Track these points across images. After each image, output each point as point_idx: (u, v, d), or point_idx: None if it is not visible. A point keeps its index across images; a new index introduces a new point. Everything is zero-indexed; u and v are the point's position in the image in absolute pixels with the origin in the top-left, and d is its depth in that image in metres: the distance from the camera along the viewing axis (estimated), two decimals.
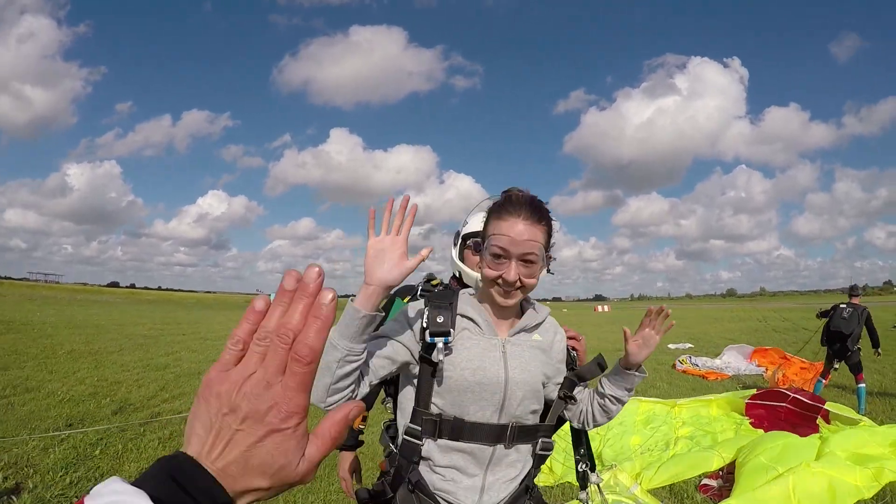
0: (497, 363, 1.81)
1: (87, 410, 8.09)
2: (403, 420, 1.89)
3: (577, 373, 2.02)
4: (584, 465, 2.49)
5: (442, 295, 1.89)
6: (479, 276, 2.10)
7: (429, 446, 1.82)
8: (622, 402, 2.02)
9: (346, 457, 2.77)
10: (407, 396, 1.89)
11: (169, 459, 0.56)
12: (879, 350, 10.40)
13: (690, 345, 20.11)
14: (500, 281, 1.78)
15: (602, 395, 2.00)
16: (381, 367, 1.77)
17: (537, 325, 1.98)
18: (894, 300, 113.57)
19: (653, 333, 1.96)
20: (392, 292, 2.31)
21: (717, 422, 7.51)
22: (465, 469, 1.82)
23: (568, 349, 2.07)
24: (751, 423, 7.24)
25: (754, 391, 8.43)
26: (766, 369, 13.02)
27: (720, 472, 5.71)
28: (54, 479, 5.27)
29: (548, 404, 1.99)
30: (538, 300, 2.05)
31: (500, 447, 1.83)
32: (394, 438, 2.02)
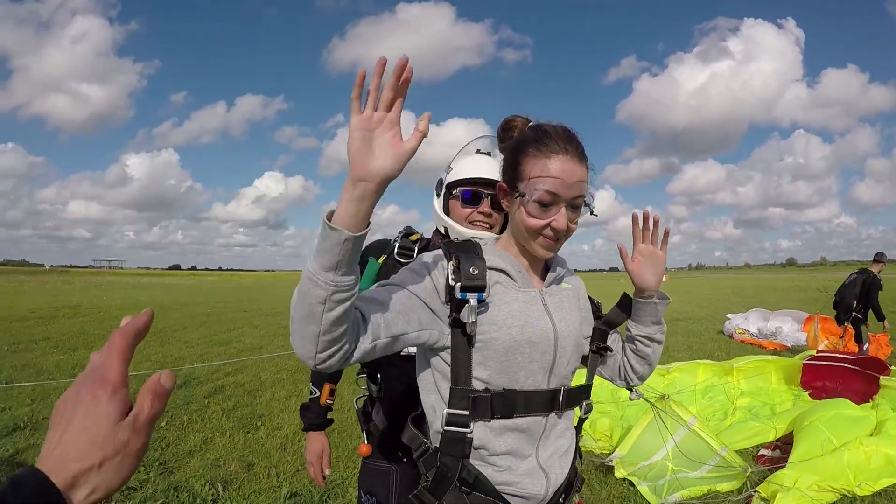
0: (543, 317, 1.54)
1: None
2: (437, 407, 1.53)
3: (606, 319, 1.74)
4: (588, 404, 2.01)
5: (464, 245, 1.56)
6: (475, 232, 1.97)
7: (480, 432, 1.47)
8: (656, 341, 1.73)
9: (314, 438, 2.41)
10: (432, 378, 1.54)
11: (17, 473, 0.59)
12: (885, 323, 10.37)
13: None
14: (546, 231, 1.48)
15: (632, 339, 1.74)
16: (393, 322, 1.33)
17: (564, 274, 1.73)
18: None
19: (653, 248, 1.70)
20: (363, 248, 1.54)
21: (775, 393, 7.37)
22: (520, 451, 1.51)
23: (591, 298, 1.82)
24: (809, 395, 7.10)
25: (814, 352, 8.26)
26: (823, 338, 12.60)
27: (777, 443, 5.63)
28: None
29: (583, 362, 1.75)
30: (594, 270, 1.86)
31: (552, 416, 1.56)
32: (369, 416, 1.87)
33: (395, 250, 2.09)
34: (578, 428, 1.74)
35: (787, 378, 7.67)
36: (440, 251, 1.52)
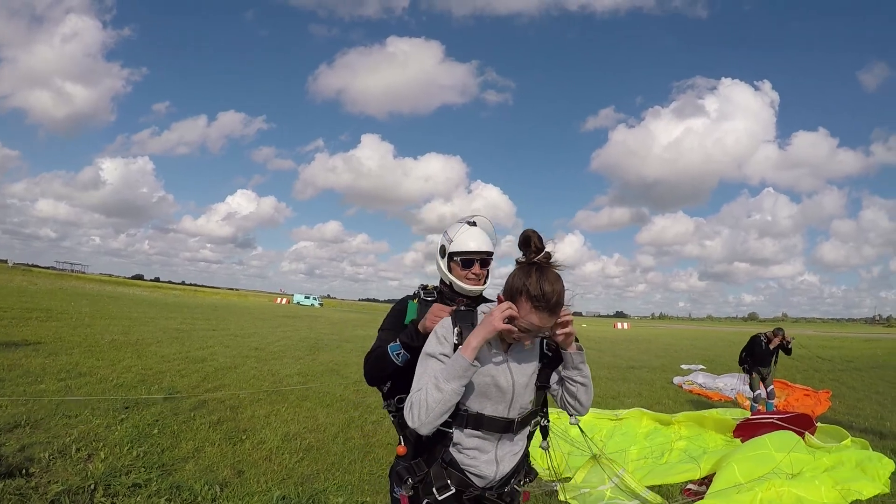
0: (506, 374, 2.37)
1: (140, 396, 8.87)
2: None
3: (547, 362, 2.52)
4: (545, 420, 2.73)
5: (466, 314, 2.43)
6: (472, 287, 2.87)
7: (457, 434, 2.39)
8: (578, 382, 2.43)
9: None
10: None
11: None
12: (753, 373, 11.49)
13: (703, 366, 20.53)
14: (517, 335, 2.25)
15: (561, 379, 2.48)
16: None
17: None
18: None
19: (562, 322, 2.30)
20: (403, 297, 2.96)
21: (711, 439, 8.11)
22: (483, 447, 2.40)
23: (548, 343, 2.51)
24: (741, 441, 7.85)
25: (748, 414, 9.01)
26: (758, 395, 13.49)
27: (703, 480, 6.37)
28: (122, 452, 6.00)
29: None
30: None
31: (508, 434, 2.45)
32: (405, 424, 2.40)
33: (420, 297, 2.91)
34: (531, 435, 2.62)
35: (722, 430, 8.42)
36: (448, 321, 2.40)
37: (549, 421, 2.70)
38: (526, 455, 2.60)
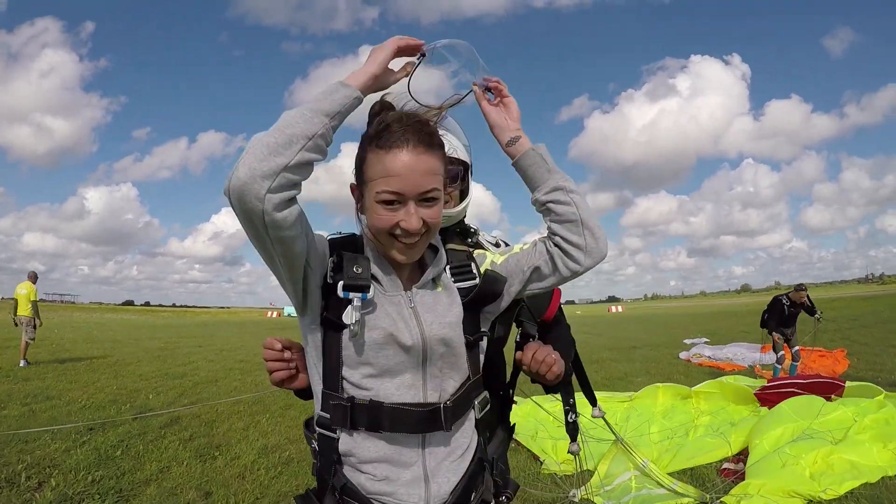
0: (409, 322, 1.43)
1: (108, 416, 8.17)
2: (316, 405, 1.51)
3: (472, 299, 1.56)
4: (573, 416, 2.08)
5: (349, 240, 1.53)
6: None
7: (345, 439, 1.43)
8: (570, 191, 1.51)
9: None
10: (313, 373, 1.50)
11: None
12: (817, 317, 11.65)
13: (706, 339, 19.93)
14: (398, 233, 1.38)
15: (546, 210, 1.53)
16: (305, 234, 1.33)
17: (438, 274, 1.56)
18: None
19: (498, 94, 1.56)
20: None
21: (735, 411, 7.44)
22: (399, 459, 1.42)
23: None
24: (768, 409, 7.22)
25: (765, 381, 8.39)
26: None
27: (739, 456, 5.68)
28: (77, 478, 5.33)
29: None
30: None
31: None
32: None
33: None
34: (484, 425, 1.62)
35: (744, 399, 7.77)
36: (326, 240, 1.48)
37: (577, 414, 1.91)
38: (481, 460, 1.59)
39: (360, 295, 1.35)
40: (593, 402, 2.21)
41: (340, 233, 1.58)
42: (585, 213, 1.49)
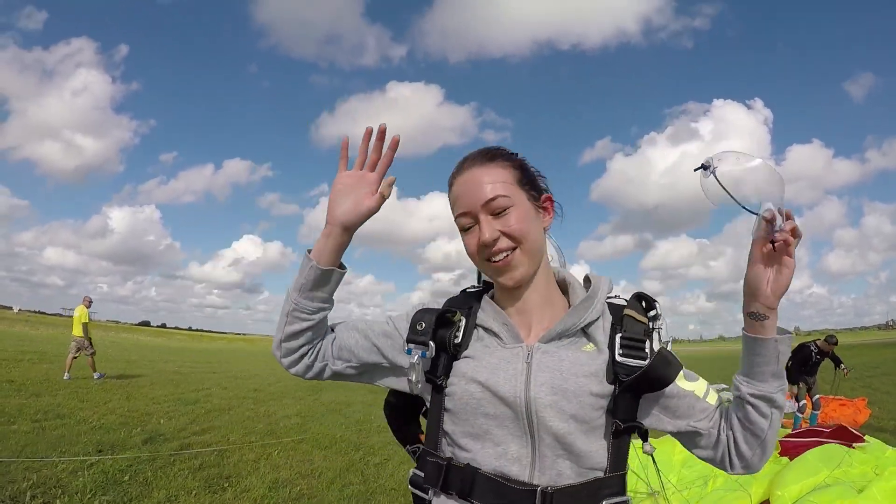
0: (518, 375, 1.25)
1: (118, 438, 8.03)
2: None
3: (638, 380, 1.24)
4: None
5: (461, 298, 1.43)
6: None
7: (438, 502, 1.28)
8: (776, 405, 1.25)
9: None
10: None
11: None
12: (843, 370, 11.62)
13: (725, 385, 19.56)
14: (484, 253, 1.28)
15: (742, 402, 1.27)
16: (359, 347, 1.42)
17: (589, 325, 1.32)
18: None
19: (782, 250, 1.16)
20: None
21: None
22: None
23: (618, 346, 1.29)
24: (789, 459, 6.96)
25: (789, 430, 8.15)
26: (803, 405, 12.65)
27: None
28: (83, 501, 5.19)
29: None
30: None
31: None
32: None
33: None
34: None
35: None
36: (409, 314, 1.43)
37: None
38: None
39: (419, 352, 1.31)
40: (644, 436, 1.91)
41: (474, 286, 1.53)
42: (772, 435, 1.28)
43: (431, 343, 1.30)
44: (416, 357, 1.30)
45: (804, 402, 10.62)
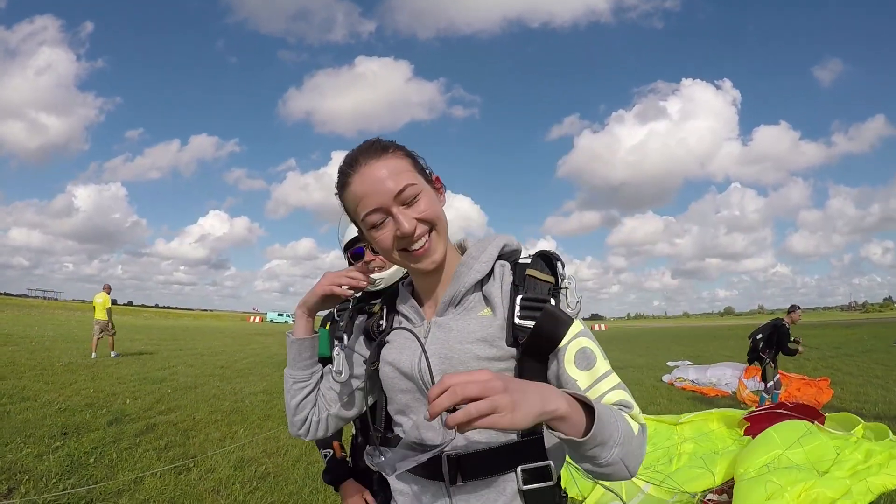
0: (415, 351, 1.31)
1: (83, 420, 8.00)
2: None
3: (527, 343, 1.23)
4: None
5: (381, 292, 1.68)
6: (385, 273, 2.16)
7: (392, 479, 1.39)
8: (602, 469, 1.08)
9: (348, 488, 2.39)
10: None
11: None
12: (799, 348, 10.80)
13: (689, 362, 19.87)
14: (401, 243, 1.28)
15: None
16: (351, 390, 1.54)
17: (484, 288, 1.34)
18: (895, 316, 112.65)
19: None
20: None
21: (718, 438, 7.37)
22: (422, 501, 1.31)
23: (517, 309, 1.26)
24: (752, 438, 7.15)
25: (752, 408, 8.34)
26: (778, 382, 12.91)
27: (723, 487, 5.61)
28: (47, 486, 5.20)
29: None
30: None
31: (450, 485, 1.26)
32: None
33: (336, 312, 2.20)
34: (533, 498, 1.22)
35: (728, 424, 7.71)
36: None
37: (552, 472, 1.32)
38: None
39: (338, 346, 1.48)
40: None
41: None
42: (616, 476, 1.14)
43: (346, 336, 1.53)
44: (336, 349, 1.46)
45: (778, 379, 10.56)
